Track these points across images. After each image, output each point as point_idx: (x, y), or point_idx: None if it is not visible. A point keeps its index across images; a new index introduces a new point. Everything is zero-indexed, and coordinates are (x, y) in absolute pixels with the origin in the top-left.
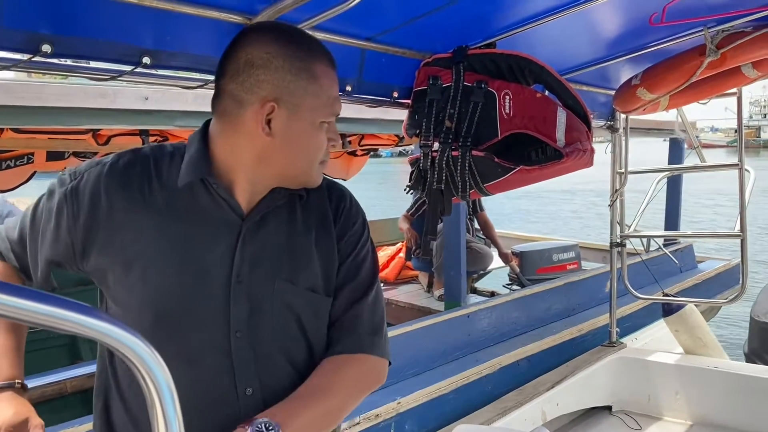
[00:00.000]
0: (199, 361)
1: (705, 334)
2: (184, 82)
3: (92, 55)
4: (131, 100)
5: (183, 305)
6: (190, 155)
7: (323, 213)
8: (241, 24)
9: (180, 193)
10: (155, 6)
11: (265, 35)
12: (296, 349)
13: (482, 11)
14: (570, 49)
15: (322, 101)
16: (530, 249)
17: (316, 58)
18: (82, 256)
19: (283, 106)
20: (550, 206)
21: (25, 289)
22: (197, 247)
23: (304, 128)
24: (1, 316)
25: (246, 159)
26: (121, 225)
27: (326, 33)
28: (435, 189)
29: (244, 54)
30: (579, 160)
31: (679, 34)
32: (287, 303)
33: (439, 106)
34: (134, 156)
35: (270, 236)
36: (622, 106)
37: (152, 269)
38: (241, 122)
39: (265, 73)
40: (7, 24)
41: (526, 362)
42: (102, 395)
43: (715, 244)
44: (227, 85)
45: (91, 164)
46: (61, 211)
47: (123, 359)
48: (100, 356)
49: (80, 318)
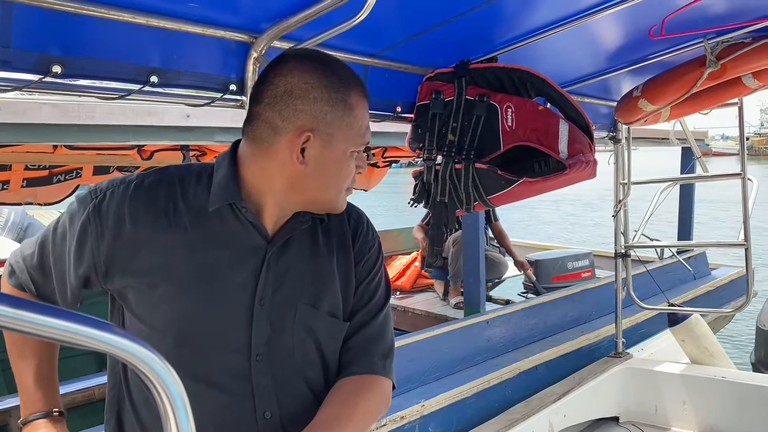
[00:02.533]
0: (220, 383)
1: (711, 344)
2: (191, 100)
3: (102, 74)
4: (175, 117)
5: (206, 327)
6: (220, 178)
7: (343, 236)
8: (247, 42)
9: (206, 215)
10: (162, 26)
11: (304, 64)
12: (313, 373)
13: (483, 26)
14: (571, 62)
15: (355, 131)
16: (545, 257)
17: (352, 89)
18: (105, 277)
19: (318, 137)
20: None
21: (43, 305)
22: (222, 270)
23: (336, 158)
24: (20, 332)
25: (277, 184)
26: (145, 246)
27: (330, 50)
28: (438, 202)
29: (283, 82)
30: (582, 172)
31: (679, 45)
32: (308, 327)
33: (441, 119)
34: (159, 176)
35: (293, 260)
36: (624, 117)
37: (176, 290)
38: (275, 149)
39: (304, 104)
40: (18, 46)
41: (544, 367)
42: (114, 409)
43: (725, 252)
44: (264, 112)
45: (113, 183)
46: (84, 230)
47: (138, 373)
48: (112, 371)
49: (95, 333)
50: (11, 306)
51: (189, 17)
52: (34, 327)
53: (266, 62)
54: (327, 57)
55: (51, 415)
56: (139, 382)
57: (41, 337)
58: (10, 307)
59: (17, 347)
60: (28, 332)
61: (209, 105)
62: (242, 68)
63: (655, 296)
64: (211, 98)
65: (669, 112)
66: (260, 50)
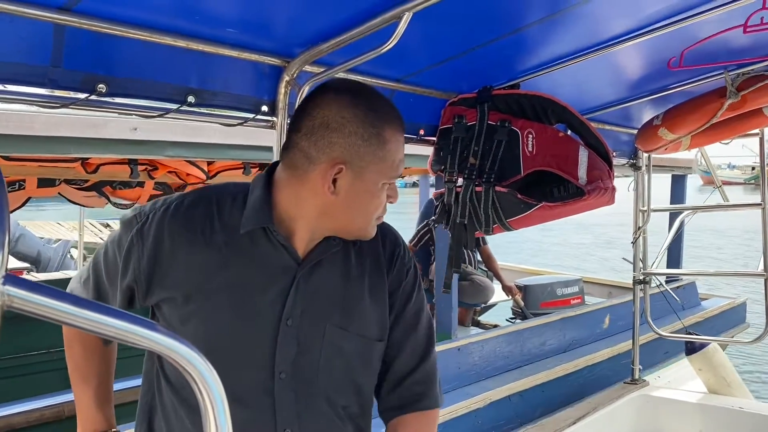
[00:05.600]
0: (243, 399)
1: (729, 374)
2: (224, 120)
3: (142, 94)
4: (121, 130)
5: (232, 343)
6: (253, 201)
7: (376, 257)
8: (279, 66)
9: (240, 235)
10: (201, 49)
11: (342, 97)
12: (340, 393)
13: (507, 54)
14: (592, 91)
15: (388, 164)
16: (534, 283)
17: (387, 123)
18: (145, 294)
19: (350, 168)
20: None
21: (103, 305)
22: (252, 289)
23: (367, 189)
24: (82, 328)
25: (309, 211)
26: (182, 261)
27: (359, 75)
28: (459, 223)
29: (321, 115)
30: (600, 198)
31: (699, 76)
32: (337, 347)
33: (463, 143)
34: (198, 197)
35: (323, 281)
36: (644, 145)
37: (208, 306)
38: (309, 178)
39: (338, 137)
40: (67, 66)
41: (518, 397)
42: (146, 414)
43: (712, 283)
44: (300, 141)
45: (155, 206)
46: (129, 251)
47: (181, 371)
48: (146, 377)
49: (144, 331)
50: (77, 306)
51: (226, 41)
52: (93, 324)
53: (297, 85)
54: (366, 90)
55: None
56: (170, 388)
57: (98, 334)
58: (76, 306)
59: (80, 371)
60: (89, 329)
61: (242, 125)
62: (274, 90)
63: (657, 320)
64: (244, 119)
65: (689, 141)
66: (292, 74)
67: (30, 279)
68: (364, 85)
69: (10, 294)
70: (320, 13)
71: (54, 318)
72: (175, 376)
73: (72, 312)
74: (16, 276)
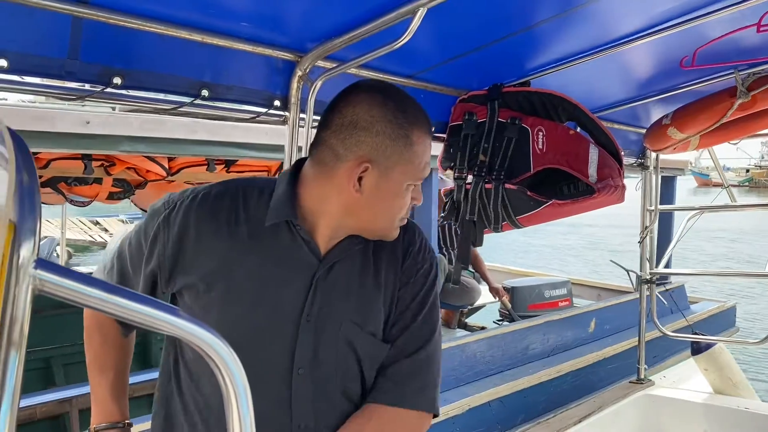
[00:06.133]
0: (260, 392)
1: (735, 374)
2: (236, 114)
3: (157, 87)
4: (73, 124)
5: (252, 337)
6: (278, 196)
7: (395, 254)
8: (292, 61)
9: (264, 229)
10: (215, 43)
11: (373, 97)
12: (353, 389)
13: (517, 52)
14: (602, 89)
15: (414, 166)
16: (521, 285)
17: (415, 126)
18: (168, 281)
19: (375, 167)
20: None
21: (130, 291)
22: (274, 283)
23: (391, 189)
24: (109, 313)
25: (333, 208)
26: (206, 251)
27: (370, 70)
28: (468, 220)
29: (351, 113)
30: (610, 196)
31: (710, 76)
32: (351, 344)
33: (473, 140)
34: (226, 188)
35: (342, 279)
36: (653, 144)
37: (228, 295)
38: (335, 174)
39: (366, 135)
40: (84, 58)
41: (498, 403)
42: (164, 403)
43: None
44: (329, 138)
45: (184, 194)
46: (156, 237)
47: (205, 358)
48: (165, 367)
49: (168, 317)
50: (105, 291)
51: (240, 35)
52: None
53: (310, 80)
54: (397, 92)
55: (122, 426)
56: (190, 379)
57: (125, 319)
58: (105, 291)
59: (99, 361)
60: (116, 314)
61: (254, 120)
62: (287, 85)
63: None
64: (256, 113)
65: (698, 141)
66: (305, 69)
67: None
68: (395, 86)
69: (41, 278)
70: (334, 8)
71: (83, 303)
72: (195, 365)
73: (100, 297)
74: (48, 261)
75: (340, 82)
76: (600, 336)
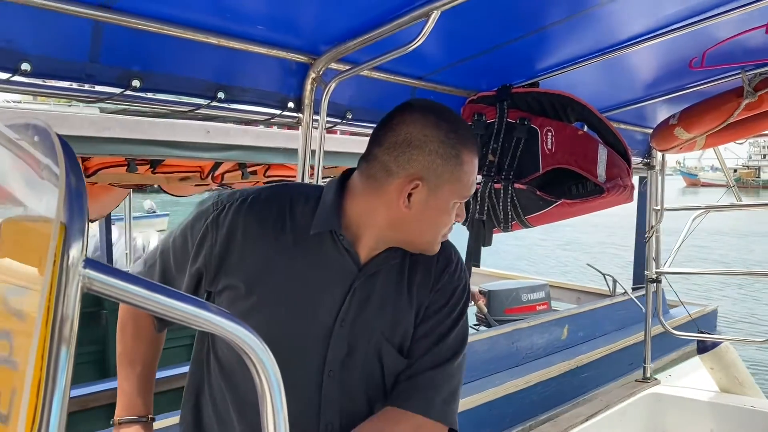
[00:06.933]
0: (291, 393)
1: (741, 373)
2: (251, 116)
3: (175, 89)
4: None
5: (288, 338)
6: (324, 205)
7: (429, 272)
8: (306, 63)
9: (308, 236)
10: (231, 46)
11: (426, 117)
12: (377, 395)
13: (526, 53)
14: (610, 90)
15: (462, 185)
16: (498, 288)
17: (466, 146)
18: (212, 280)
19: (425, 185)
20: None
21: (170, 289)
22: (313, 288)
23: (439, 206)
24: (148, 310)
25: (380, 222)
26: (251, 255)
27: (382, 72)
28: (477, 219)
29: (404, 131)
30: (619, 196)
31: (717, 76)
32: (379, 355)
33: (482, 141)
34: (274, 193)
35: (378, 290)
36: (660, 144)
37: (269, 298)
38: (385, 190)
39: (419, 154)
40: (104, 61)
41: (461, 417)
42: (194, 393)
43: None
44: (381, 155)
45: (233, 196)
46: (204, 236)
47: (243, 356)
48: (196, 358)
49: (207, 314)
50: (150, 290)
51: (256, 38)
52: (164, 308)
53: (323, 82)
54: (449, 112)
55: (144, 421)
56: (221, 373)
57: (168, 317)
58: (149, 290)
59: (129, 354)
60: (160, 312)
61: (268, 122)
62: (300, 87)
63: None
64: (271, 115)
65: (704, 141)
66: (318, 71)
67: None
68: (447, 107)
69: (90, 277)
70: (347, 11)
71: (128, 300)
72: (227, 360)
73: (145, 296)
74: (96, 261)
75: (353, 84)
76: (573, 344)
